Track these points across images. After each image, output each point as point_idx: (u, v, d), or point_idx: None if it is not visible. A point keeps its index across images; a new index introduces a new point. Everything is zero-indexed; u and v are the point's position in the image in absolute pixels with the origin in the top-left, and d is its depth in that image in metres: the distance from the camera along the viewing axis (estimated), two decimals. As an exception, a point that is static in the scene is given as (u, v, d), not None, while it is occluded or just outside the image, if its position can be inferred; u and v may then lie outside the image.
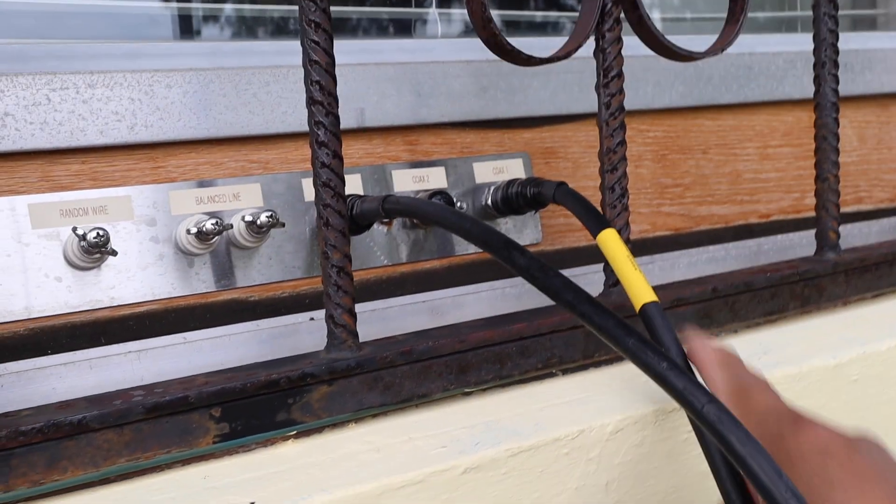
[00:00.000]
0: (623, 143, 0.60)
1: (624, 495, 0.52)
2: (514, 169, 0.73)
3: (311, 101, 0.49)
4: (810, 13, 0.71)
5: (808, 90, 0.73)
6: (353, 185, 0.65)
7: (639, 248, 0.78)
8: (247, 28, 0.84)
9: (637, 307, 0.38)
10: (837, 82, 0.69)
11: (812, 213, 0.74)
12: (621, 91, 0.59)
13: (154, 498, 0.43)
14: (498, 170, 0.73)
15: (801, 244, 0.83)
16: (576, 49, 0.57)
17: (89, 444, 0.43)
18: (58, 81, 0.55)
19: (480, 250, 0.71)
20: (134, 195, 0.58)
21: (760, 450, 0.33)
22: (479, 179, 0.71)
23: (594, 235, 0.44)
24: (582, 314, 0.39)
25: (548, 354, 0.57)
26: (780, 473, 0.33)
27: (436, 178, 0.70)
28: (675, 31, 1.07)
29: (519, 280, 0.71)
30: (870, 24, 1.25)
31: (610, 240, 0.42)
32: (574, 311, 0.40)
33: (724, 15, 0.63)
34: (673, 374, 0.35)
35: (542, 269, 0.42)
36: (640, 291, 0.39)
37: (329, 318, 0.51)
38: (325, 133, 0.49)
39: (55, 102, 0.55)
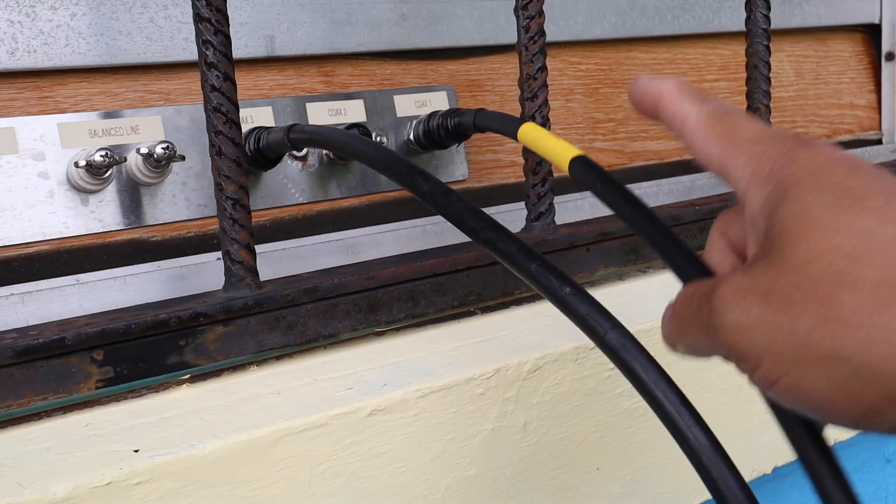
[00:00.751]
0: (543, 69, 0.57)
1: (543, 436, 0.50)
2: (438, 102, 0.70)
3: (197, 19, 0.45)
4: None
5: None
6: (265, 118, 0.62)
7: (568, 184, 0.75)
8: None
9: (564, 166, 0.34)
10: (769, 8, 0.67)
11: (747, 148, 0.71)
12: (541, 13, 0.56)
13: (28, 448, 0.40)
14: (421, 103, 0.69)
15: (736, 180, 0.80)
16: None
17: (-48, 391, 0.40)
18: (-76, 0, 0.50)
19: (402, 188, 0.68)
20: (18, 127, 0.53)
21: (665, 377, 0.31)
22: (400, 113, 0.68)
23: (515, 135, 0.40)
24: (485, 241, 0.37)
25: (464, 292, 0.54)
26: (685, 403, 0.31)
27: (354, 112, 0.66)
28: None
29: (441, 217, 0.68)
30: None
31: (530, 130, 0.38)
32: (477, 238, 0.37)
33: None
34: (576, 299, 0.32)
35: (445, 194, 0.39)
36: (565, 151, 0.35)
37: (225, 254, 0.47)
38: (215, 53, 0.45)
39: (-77, 24, 0.50)
